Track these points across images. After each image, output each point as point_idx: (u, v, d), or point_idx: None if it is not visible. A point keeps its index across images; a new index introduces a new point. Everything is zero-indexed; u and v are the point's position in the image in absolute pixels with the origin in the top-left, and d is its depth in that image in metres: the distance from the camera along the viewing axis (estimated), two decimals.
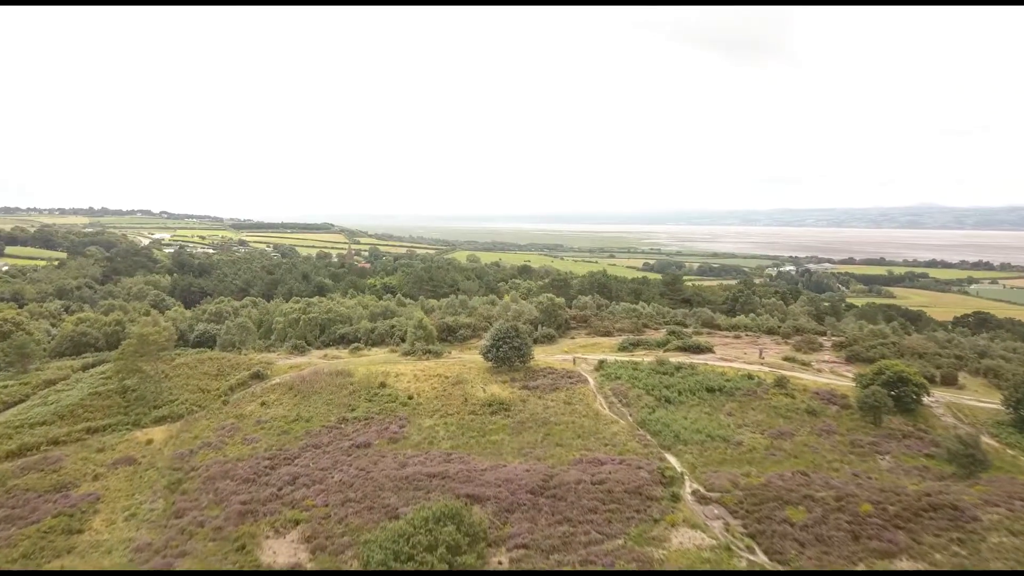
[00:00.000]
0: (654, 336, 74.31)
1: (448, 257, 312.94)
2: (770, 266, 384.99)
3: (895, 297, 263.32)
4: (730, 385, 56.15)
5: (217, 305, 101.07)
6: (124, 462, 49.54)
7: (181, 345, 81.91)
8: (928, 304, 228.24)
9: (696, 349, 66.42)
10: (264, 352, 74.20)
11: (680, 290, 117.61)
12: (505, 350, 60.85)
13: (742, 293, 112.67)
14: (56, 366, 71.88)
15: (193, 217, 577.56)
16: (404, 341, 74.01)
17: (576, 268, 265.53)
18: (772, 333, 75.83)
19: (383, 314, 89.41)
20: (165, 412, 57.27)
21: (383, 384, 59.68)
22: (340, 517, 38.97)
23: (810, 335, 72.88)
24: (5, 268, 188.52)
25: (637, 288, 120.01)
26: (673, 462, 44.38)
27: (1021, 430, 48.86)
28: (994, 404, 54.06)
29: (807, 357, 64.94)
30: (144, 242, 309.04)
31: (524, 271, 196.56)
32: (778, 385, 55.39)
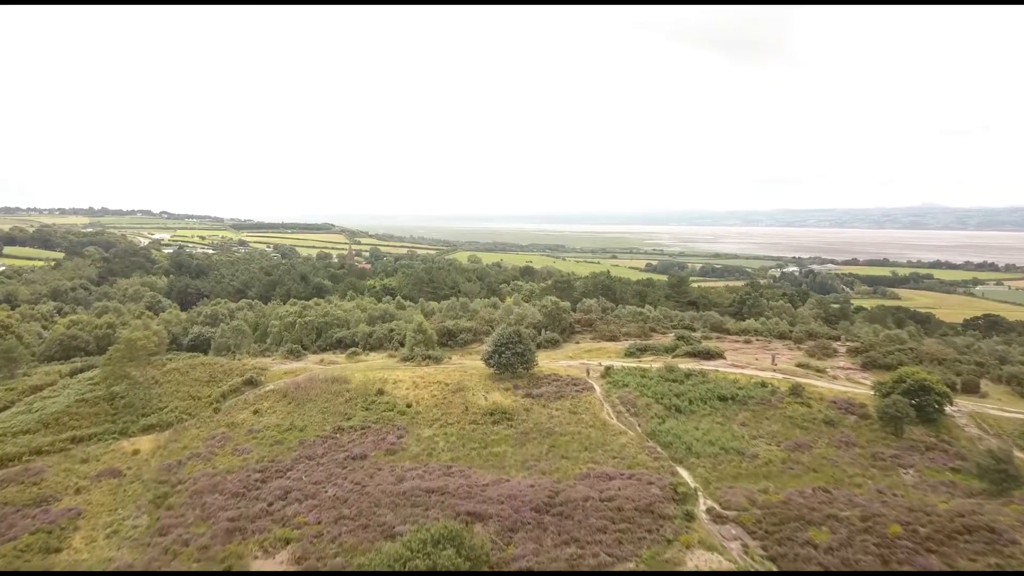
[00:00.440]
0: (662, 341, 71.93)
1: (449, 258, 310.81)
2: (773, 267, 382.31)
3: (900, 299, 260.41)
4: (743, 393, 53.74)
5: (213, 307, 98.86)
6: (108, 474, 47.29)
7: (174, 349, 79.71)
8: (934, 305, 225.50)
9: (706, 355, 64.02)
10: (259, 357, 71.92)
11: (686, 292, 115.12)
12: (508, 356, 58.50)
13: (749, 295, 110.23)
14: (44, 371, 69.63)
15: (193, 217, 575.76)
16: (403, 346, 71.72)
17: (578, 269, 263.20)
18: (784, 338, 73.36)
19: (382, 317, 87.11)
20: (154, 420, 55.04)
21: (381, 391, 57.39)
22: (333, 536, 36.76)
23: (823, 340, 70.46)
24: (2, 269, 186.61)
25: (642, 290, 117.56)
26: (685, 477, 42.05)
27: None
28: (1020, 414, 51.66)
29: (821, 363, 62.57)
30: (143, 242, 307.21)
31: (526, 272, 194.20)
32: (793, 393, 53.01)
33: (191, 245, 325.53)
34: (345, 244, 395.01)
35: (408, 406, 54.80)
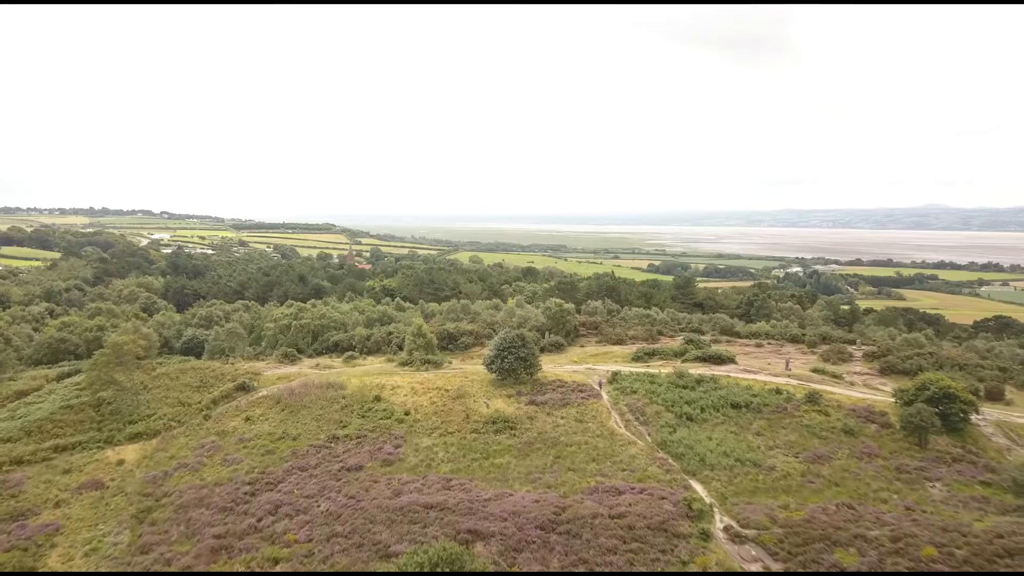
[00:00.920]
0: (670, 345, 69.39)
1: (450, 258, 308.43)
2: (776, 267, 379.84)
3: (905, 299, 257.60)
4: (757, 401, 51.19)
5: (208, 309, 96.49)
6: (91, 486, 45.00)
7: (167, 352, 77.37)
8: (939, 306, 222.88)
9: (717, 359, 61.50)
10: (252, 361, 69.54)
11: (692, 293, 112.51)
12: (510, 361, 56.05)
13: (757, 297, 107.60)
14: (30, 375, 67.34)
15: (194, 217, 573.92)
16: (402, 349, 69.26)
17: (580, 269, 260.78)
18: (796, 341, 70.73)
19: (380, 320, 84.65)
20: (141, 428, 52.71)
21: (378, 398, 55.00)
22: (325, 556, 34.46)
23: (838, 344, 67.83)
24: None
25: (647, 291, 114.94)
26: (700, 491, 39.57)
27: None
28: None
29: (837, 368, 60.02)
30: (142, 242, 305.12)
31: (528, 273, 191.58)
32: (810, 400, 50.49)
33: (190, 245, 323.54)
34: (346, 244, 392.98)
35: (406, 413, 52.41)
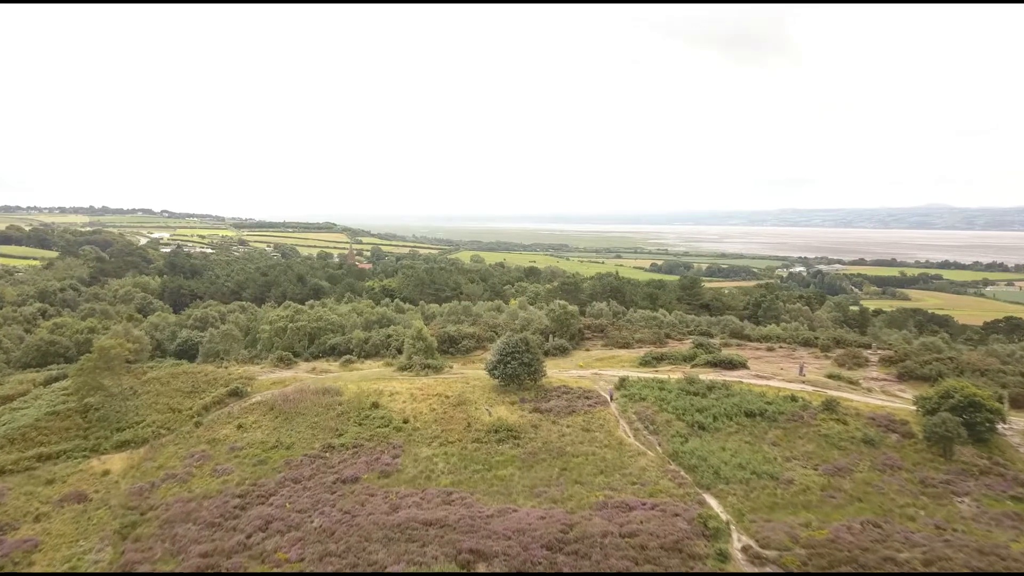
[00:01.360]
0: (679, 349, 67.10)
1: (451, 257, 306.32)
2: (780, 267, 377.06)
3: (911, 300, 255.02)
4: (772, 409, 48.88)
5: (203, 310, 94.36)
6: (73, 498, 42.86)
7: (159, 355, 75.21)
8: (945, 307, 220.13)
9: (728, 364, 59.22)
10: (247, 364, 67.33)
11: (699, 294, 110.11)
12: (514, 366, 53.81)
13: (765, 298, 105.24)
14: (18, 379, 65.14)
15: (195, 216, 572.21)
16: (401, 353, 67.05)
17: (583, 269, 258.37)
18: (809, 345, 68.42)
19: (379, 322, 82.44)
20: (128, 436, 50.53)
21: (375, 404, 52.78)
22: None
23: (853, 348, 65.50)
24: None
25: (653, 292, 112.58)
26: (715, 506, 37.34)
27: None
28: None
29: (853, 374, 57.77)
30: (141, 241, 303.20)
31: (531, 273, 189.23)
32: (827, 408, 48.20)
33: (190, 244, 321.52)
34: (347, 243, 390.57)
35: (405, 421, 50.21)
